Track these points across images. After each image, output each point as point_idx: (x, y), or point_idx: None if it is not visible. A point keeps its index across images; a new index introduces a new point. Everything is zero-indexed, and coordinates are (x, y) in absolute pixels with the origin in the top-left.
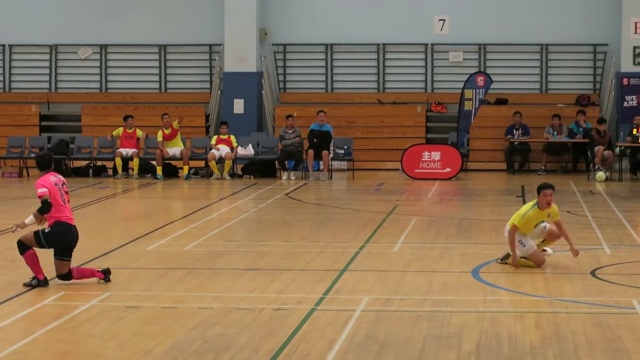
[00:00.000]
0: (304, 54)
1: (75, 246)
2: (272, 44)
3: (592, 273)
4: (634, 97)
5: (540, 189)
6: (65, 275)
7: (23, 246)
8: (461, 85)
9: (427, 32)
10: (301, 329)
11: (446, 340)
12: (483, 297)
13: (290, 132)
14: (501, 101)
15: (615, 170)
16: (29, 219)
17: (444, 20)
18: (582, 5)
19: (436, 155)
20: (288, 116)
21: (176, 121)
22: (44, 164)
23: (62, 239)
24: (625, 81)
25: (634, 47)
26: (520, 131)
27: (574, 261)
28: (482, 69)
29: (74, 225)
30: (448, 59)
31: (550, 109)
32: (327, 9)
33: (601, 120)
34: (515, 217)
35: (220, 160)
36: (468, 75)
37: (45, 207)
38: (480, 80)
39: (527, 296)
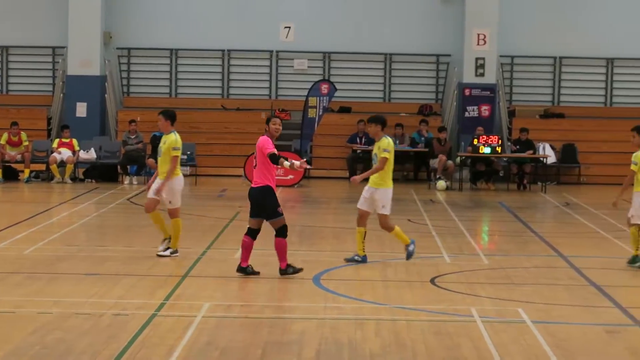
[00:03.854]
0: (148, 58)
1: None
2: (117, 48)
3: (432, 281)
4: (475, 107)
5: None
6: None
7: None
8: (305, 92)
9: (273, 39)
10: (141, 335)
11: (286, 346)
12: (324, 304)
13: (133, 137)
14: (345, 109)
15: (456, 179)
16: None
17: (290, 27)
18: (425, 16)
19: None
20: (131, 121)
21: (26, 137)
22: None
23: None
24: (466, 92)
25: (476, 59)
26: (363, 139)
27: (414, 269)
28: (326, 77)
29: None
30: (293, 67)
31: (393, 118)
32: (173, 14)
33: (441, 129)
34: None
35: (62, 164)
36: (312, 83)
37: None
38: (324, 88)
39: (368, 304)
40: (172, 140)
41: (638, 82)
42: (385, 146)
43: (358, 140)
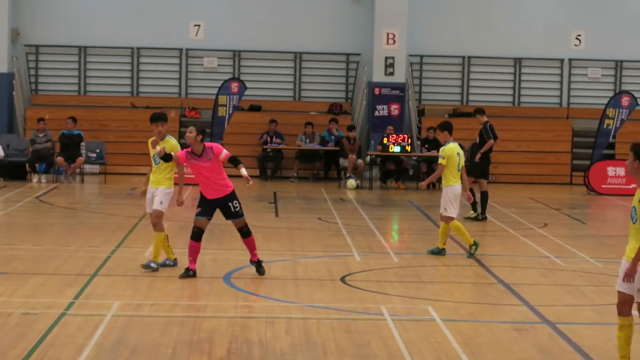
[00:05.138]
0: (57, 55)
1: None
2: (25, 45)
3: (342, 279)
4: (384, 106)
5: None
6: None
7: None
8: (215, 90)
9: (182, 37)
10: (50, 334)
11: (197, 345)
12: (234, 302)
13: (41, 135)
14: (255, 108)
15: (366, 178)
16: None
17: (199, 25)
18: (335, 15)
19: None
20: (40, 119)
21: None
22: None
23: None
24: (376, 91)
25: (386, 58)
26: (274, 138)
27: (325, 268)
28: (236, 76)
29: None
30: (203, 65)
31: (303, 117)
32: (81, 11)
33: (351, 127)
34: None
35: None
36: (222, 81)
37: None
38: (234, 86)
39: (278, 302)
40: None
41: (545, 82)
42: (177, 148)
43: (268, 139)
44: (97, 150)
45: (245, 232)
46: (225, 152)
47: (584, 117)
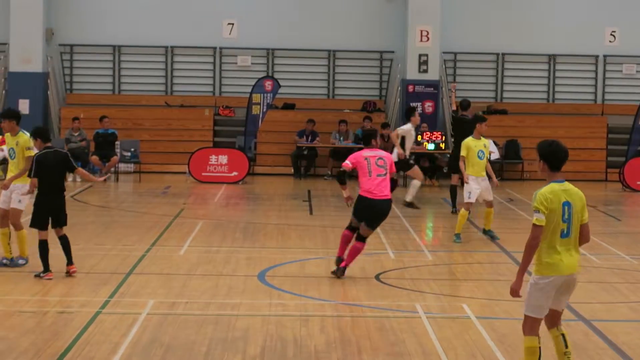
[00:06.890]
0: (91, 54)
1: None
2: (59, 44)
3: (377, 277)
4: (418, 104)
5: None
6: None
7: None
8: (249, 89)
9: (216, 36)
10: (85, 333)
11: (231, 343)
12: (269, 300)
13: (76, 134)
14: (288, 106)
15: (400, 176)
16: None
17: (233, 24)
18: (369, 12)
19: (223, 159)
20: (74, 118)
21: None
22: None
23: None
24: (410, 88)
25: (419, 55)
26: (310, 137)
27: (359, 265)
28: (270, 74)
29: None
30: (236, 63)
31: (337, 115)
32: (115, 11)
33: (385, 125)
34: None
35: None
36: (256, 80)
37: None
38: (268, 84)
39: (313, 300)
40: None
41: (579, 79)
42: (29, 144)
43: (305, 137)
44: (132, 149)
45: (359, 236)
46: (345, 162)
47: (619, 113)
